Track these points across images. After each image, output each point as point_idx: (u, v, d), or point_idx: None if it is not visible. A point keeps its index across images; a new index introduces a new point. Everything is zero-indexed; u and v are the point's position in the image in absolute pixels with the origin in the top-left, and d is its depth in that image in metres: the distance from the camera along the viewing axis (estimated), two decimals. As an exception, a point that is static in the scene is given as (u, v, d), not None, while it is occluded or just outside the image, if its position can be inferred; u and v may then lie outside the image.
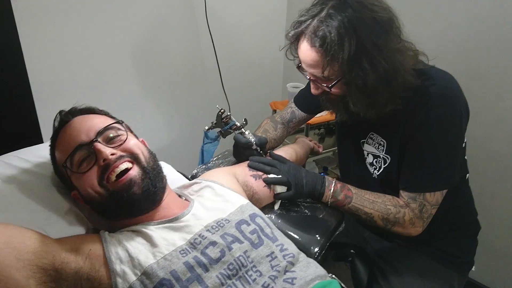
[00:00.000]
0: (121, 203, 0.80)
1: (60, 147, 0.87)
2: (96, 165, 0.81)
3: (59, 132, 0.89)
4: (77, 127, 0.86)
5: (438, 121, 0.98)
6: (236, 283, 0.73)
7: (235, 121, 1.13)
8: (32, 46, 1.38)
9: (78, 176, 0.83)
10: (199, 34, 1.93)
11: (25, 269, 0.69)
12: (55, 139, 0.90)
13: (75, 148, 0.83)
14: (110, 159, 0.80)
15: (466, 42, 1.58)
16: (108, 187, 0.80)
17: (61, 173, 0.89)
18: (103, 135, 0.85)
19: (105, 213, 0.86)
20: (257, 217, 0.87)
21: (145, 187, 0.81)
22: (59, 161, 0.87)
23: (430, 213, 1.05)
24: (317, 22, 0.92)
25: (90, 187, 0.81)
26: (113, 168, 0.80)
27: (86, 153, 0.83)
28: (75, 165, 0.83)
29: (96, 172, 0.81)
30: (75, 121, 0.88)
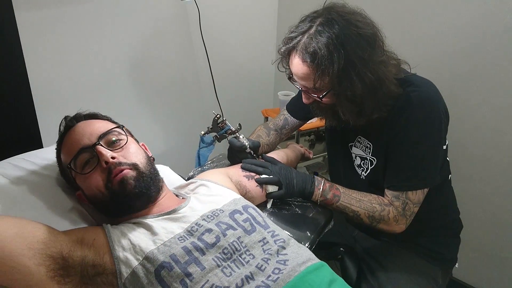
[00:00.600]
0: (119, 202, 0.86)
1: (65, 150, 0.93)
2: (99, 167, 0.87)
3: (64, 136, 0.95)
4: (81, 132, 0.92)
5: (418, 125, 1.05)
6: (231, 265, 0.78)
7: (230, 126, 1.19)
8: (34, 55, 1.44)
9: (83, 177, 0.88)
10: (193, 45, 2.00)
11: (35, 257, 0.74)
12: (60, 142, 0.95)
13: (79, 151, 0.88)
14: (111, 162, 0.86)
15: (446, 51, 1.66)
16: (112, 188, 0.85)
17: (66, 174, 0.94)
18: (104, 139, 0.91)
19: (107, 210, 0.92)
20: (249, 207, 0.93)
21: (138, 188, 0.86)
22: (64, 162, 0.92)
23: (412, 211, 1.11)
24: (307, 39, 0.99)
25: (96, 188, 0.86)
26: (115, 173, 0.85)
27: (89, 155, 0.88)
28: (79, 166, 0.89)
29: (100, 175, 0.86)
30: (79, 126, 0.94)
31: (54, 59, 1.55)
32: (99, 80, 1.71)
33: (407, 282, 1.18)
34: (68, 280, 0.77)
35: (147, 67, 1.86)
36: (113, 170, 0.85)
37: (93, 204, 0.91)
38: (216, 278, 0.75)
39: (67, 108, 1.61)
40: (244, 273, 0.76)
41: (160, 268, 0.75)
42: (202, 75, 2.07)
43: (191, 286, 0.73)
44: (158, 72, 1.92)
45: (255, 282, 0.74)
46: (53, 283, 0.75)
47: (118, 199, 0.86)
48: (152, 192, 0.90)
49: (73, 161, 0.89)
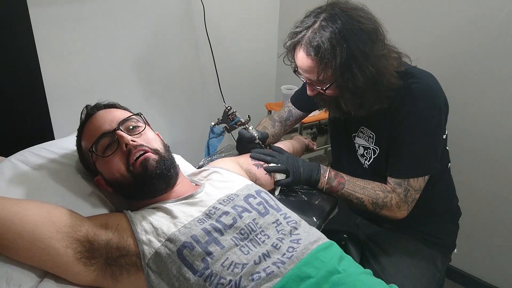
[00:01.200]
0: (141, 184, 0.90)
1: (86, 136, 0.97)
2: (119, 150, 0.91)
3: (85, 124, 0.99)
4: (101, 119, 0.96)
5: (419, 115, 1.11)
6: (248, 244, 0.83)
7: (240, 117, 1.24)
8: (47, 51, 1.48)
9: (103, 161, 0.92)
10: (198, 41, 2.04)
11: (63, 240, 0.79)
12: (81, 130, 1.00)
13: (100, 136, 0.93)
14: (131, 144, 0.90)
15: (445, 44, 1.71)
16: (133, 172, 0.90)
17: (86, 160, 0.98)
18: (124, 125, 0.95)
19: (127, 193, 0.96)
20: (262, 192, 0.98)
21: (160, 169, 0.91)
22: (85, 148, 0.96)
23: (414, 197, 1.17)
24: (311, 33, 1.04)
25: (117, 171, 0.91)
26: (133, 154, 0.90)
27: (109, 140, 0.93)
28: (100, 150, 0.93)
29: (121, 158, 0.91)
30: (99, 114, 0.99)
31: (66, 55, 1.59)
32: (108, 75, 1.75)
33: (408, 265, 1.23)
34: (94, 262, 0.82)
35: (153, 62, 1.90)
36: (132, 151, 0.90)
37: (113, 187, 0.95)
38: (235, 256, 0.80)
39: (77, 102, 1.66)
40: (260, 251, 0.81)
41: (182, 248, 0.80)
42: (206, 70, 2.12)
43: (212, 263, 0.78)
44: (165, 67, 1.96)
45: (271, 260, 0.80)
46: (80, 265, 0.81)
47: (141, 181, 0.90)
48: (172, 175, 0.95)
49: (94, 145, 0.93)
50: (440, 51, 1.73)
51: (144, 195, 0.95)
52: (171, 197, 0.96)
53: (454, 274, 2.00)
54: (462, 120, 1.73)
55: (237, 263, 0.79)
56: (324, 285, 0.74)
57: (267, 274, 0.76)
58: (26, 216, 0.79)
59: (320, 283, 0.74)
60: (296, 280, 0.75)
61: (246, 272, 0.77)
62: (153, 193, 0.94)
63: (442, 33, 1.71)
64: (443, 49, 1.72)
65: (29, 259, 0.80)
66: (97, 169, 0.95)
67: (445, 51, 1.72)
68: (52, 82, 1.51)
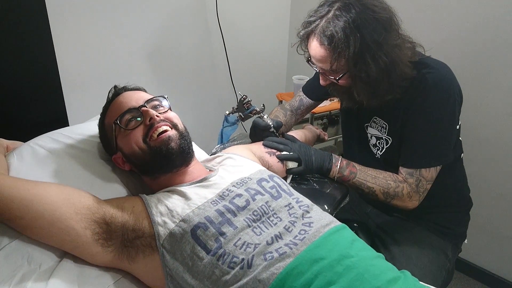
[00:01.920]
0: (160, 157, 0.93)
1: (111, 112, 1.00)
2: (142, 125, 0.94)
3: (111, 102, 1.02)
4: (129, 97, 1.00)
5: (433, 105, 1.11)
6: (261, 225, 0.85)
7: (255, 106, 1.25)
8: (62, 41, 1.50)
9: (126, 134, 0.95)
10: (210, 31, 2.05)
11: (82, 221, 0.82)
12: (107, 107, 1.03)
13: (126, 111, 0.96)
14: (155, 119, 0.93)
15: (460, 33, 1.70)
16: (150, 144, 0.93)
17: (107, 137, 1.01)
18: (149, 104, 0.99)
19: (145, 168, 0.98)
20: (274, 177, 1.00)
21: (181, 145, 0.94)
22: (109, 122, 0.99)
23: (425, 188, 1.17)
24: (325, 23, 1.04)
25: (135, 143, 0.93)
26: (156, 127, 0.93)
27: (134, 115, 0.96)
28: (123, 123, 0.96)
29: (142, 131, 0.94)
30: (126, 93, 1.02)
31: (80, 43, 1.61)
32: (121, 64, 1.77)
33: (418, 255, 1.24)
34: (111, 243, 0.84)
35: (166, 51, 1.92)
36: (155, 125, 0.93)
37: (131, 162, 0.98)
38: (247, 236, 0.82)
39: (91, 90, 1.69)
40: (273, 233, 0.83)
41: (196, 228, 0.82)
42: (218, 59, 2.13)
43: (225, 243, 0.80)
44: (177, 57, 1.97)
45: (284, 241, 0.81)
46: (98, 245, 0.83)
47: (159, 154, 0.92)
48: (190, 151, 0.98)
49: (119, 118, 0.96)
50: (454, 41, 1.72)
51: (160, 169, 0.97)
52: (186, 181, 0.98)
53: (463, 265, 2.01)
54: (475, 111, 1.72)
55: (250, 243, 0.80)
56: (337, 267, 0.75)
57: (280, 254, 0.77)
58: (46, 197, 0.81)
59: (333, 265, 0.75)
60: (308, 261, 0.76)
61: (258, 251, 0.78)
62: (170, 167, 0.96)
63: (456, 23, 1.70)
64: (457, 39, 1.71)
65: (50, 239, 0.82)
66: (117, 144, 0.98)
67: (459, 41, 1.70)
68: (67, 70, 1.53)
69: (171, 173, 0.97)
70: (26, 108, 1.31)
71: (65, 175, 0.95)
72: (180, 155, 0.95)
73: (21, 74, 1.26)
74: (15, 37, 1.21)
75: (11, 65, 1.22)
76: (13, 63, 1.22)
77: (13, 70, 1.23)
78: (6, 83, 1.22)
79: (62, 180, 0.92)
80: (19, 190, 0.80)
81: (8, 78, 1.22)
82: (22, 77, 1.26)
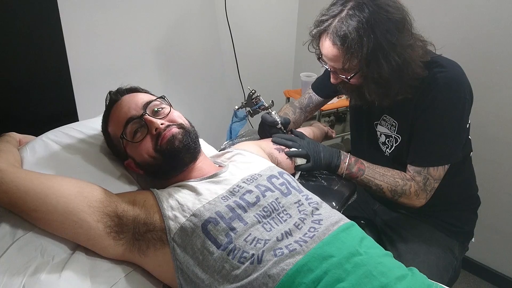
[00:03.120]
0: (170, 159, 0.93)
1: (113, 123, 1.00)
2: (149, 135, 0.94)
3: (110, 110, 1.02)
4: (126, 104, 0.99)
5: (444, 104, 1.10)
6: (271, 222, 0.86)
7: (263, 101, 1.25)
8: (73, 35, 1.51)
9: (135, 145, 0.95)
10: (218, 27, 2.05)
11: (94, 214, 0.83)
12: (107, 116, 1.03)
13: (127, 122, 0.96)
14: (161, 128, 0.93)
15: (471, 32, 1.69)
16: (160, 150, 0.93)
17: (115, 145, 1.01)
18: (149, 108, 0.98)
19: (158, 173, 0.99)
20: (284, 173, 1.00)
21: (185, 141, 0.94)
22: (115, 134, 0.99)
23: (433, 186, 1.17)
24: (338, 23, 1.04)
25: (146, 153, 0.94)
26: (164, 136, 0.93)
27: (137, 125, 0.96)
28: (129, 136, 0.96)
29: (150, 141, 0.94)
30: (124, 99, 1.01)
31: (91, 38, 1.62)
32: (130, 59, 1.78)
33: (425, 252, 1.24)
34: (122, 236, 0.85)
35: (174, 47, 1.93)
36: (162, 134, 0.93)
37: (144, 170, 0.99)
38: (257, 232, 0.83)
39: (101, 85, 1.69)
40: (283, 229, 0.84)
41: (207, 223, 0.83)
42: (226, 55, 2.13)
43: (235, 238, 0.81)
44: (185, 52, 1.98)
45: (293, 238, 0.82)
46: (109, 238, 0.84)
47: (169, 156, 0.93)
48: (197, 146, 0.98)
49: (123, 132, 0.96)
50: (465, 39, 1.71)
51: (173, 170, 0.98)
52: (196, 176, 0.99)
53: (470, 264, 2.00)
54: (486, 109, 1.71)
55: (260, 239, 0.81)
56: (346, 265, 0.76)
57: (290, 251, 0.78)
58: (59, 190, 0.82)
59: (342, 263, 0.76)
60: (318, 258, 0.77)
61: (268, 247, 0.79)
62: (181, 166, 0.97)
63: (469, 21, 1.69)
64: (469, 37, 1.70)
65: (63, 232, 0.84)
66: (128, 153, 0.98)
67: (471, 39, 1.69)
68: (77, 65, 1.54)
69: (183, 172, 0.98)
70: (37, 102, 1.32)
71: (77, 169, 0.97)
72: (187, 152, 0.95)
73: (32, 69, 1.27)
74: (26, 32, 1.21)
75: (22, 60, 1.23)
76: (24, 58, 1.23)
77: (24, 65, 1.24)
78: (17, 78, 1.23)
79: (74, 174, 0.93)
80: (33, 183, 0.82)
81: (19, 73, 1.23)
82: (32, 72, 1.27)
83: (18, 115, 1.27)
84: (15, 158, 0.93)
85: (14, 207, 0.82)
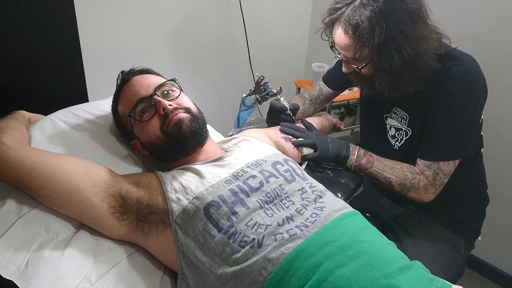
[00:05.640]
0: (175, 142, 0.94)
1: (123, 102, 1.00)
2: (157, 115, 0.95)
3: (121, 89, 1.02)
4: (138, 84, 0.99)
5: (458, 98, 1.08)
6: (273, 207, 0.85)
7: (271, 88, 1.24)
8: (85, 17, 1.51)
9: (142, 125, 0.96)
10: (231, 14, 2.04)
11: (99, 194, 0.84)
12: (118, 95, 1.03)
13: (137, 101, 0.96)
14: (168, 109, 0.94)
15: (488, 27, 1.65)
16: (166, 131, 0.94)
17: (123, 125, 1.02)
18: (160, 90, 0.98)
19: (163, 155, 0.99)
20: (289, 160, 1.00)
21: (192, 127, 0.95)
22: (123, 113, 1.00)
23: (442, 181, 1.15)
24: (351, 11, 1.02)
25: (153, 133, 0.94)
26: (171, 117, 0.93)
27: (146, 105, 0.96)
28: (137, 115, 0.96)
29: (158, 121, 0.94)
30: (135, 79, 1.01)
31: (103, 20, 1.62)
32: (142, 43, 1.77)
33: (430, 248, 1.23)
34: (126, 217, 0.86)
35: (187, 33, 1.91)
36: (169, 115, 0.93)
37: (150, 151, 0.99)
38: (259, 217, 0.82)
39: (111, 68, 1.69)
40: (284, 215, 0.83)
41: (209, 206, 0.83)
42: (238, 43, 2.12)
43: (237, 222, 0.81)
44: (197, 39, 1.97)
45: (295, 223, 0.81)
46: (113, 219, 0.85)
47: (174, 139, 0.93)
48: (204, 133, 0.99)
49: (132, 111, 0.96)
50: (481, 33, 1.67)
51: (177, 154, 0.98)
52: (201, 159, 0.99)
53: (475, 263, 1.98)
54: (499, 106, 1.67)
55: (261, 224, 0.81)
56: (347, 251, 0.75)
57: (290, 235, 0.78)
58: (65, 168, 0.83)
59: (344, 249, 0.75)
60: (319, 243, 0.76)
61: (269, 232, 0.79)
62: (185, 151, 0.98)
63: (486, 15, 1.65)
64: (485, 31, 1.66)
65: (68, 210, 0.84)
66: (134, 133, 0.99)
67: (487, 33, 1.66)
68: (89, 47, 1.55)
69: (188, 156, 0.99)
70: (48, 82, 1.33)
71: (83, 149, 0.98)
72: (193, 138, 0.96)
73: (44, 49, 1.28)
74: (39, 13, 1.22)
75: (34, 40, 1.23)
76: (36, 39, 1.24)
77: (36, 45, 1.24)
78: (29, 58, 1.24)
79: (81, 154, 0.94)
80: (40, 161, 0.82)
81: (31, 53, 1.24)
82: (44, 53, 1.28)
83: (29, 94, 1.28)
84: (23, 135, 0.93)
85: (20, 183, 0.83)
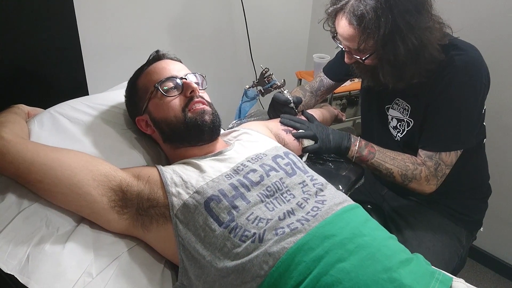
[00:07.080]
0: (193, 129, 0.94)
1: (151, 73, 1.00)
2: (182, 95, 0.96)
3: (152, 63, 1.03)
4: (171, 64, 1.02)
5: (460, 87, 1.07)
6: (273, 201, 0.85)
7: (276, 80, 1.23)
8: (85, 12, 1.50)
9: (163, 101, 0.96)
10: (232, 6, 2.02)
11: (99, 188, 0.83)
12: (145, 68, 1.03)
13: (168, 77, 0.97)
14: (195, 92, 0.95)
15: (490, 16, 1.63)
16: (187, 114, 0.95)
17: (138, 96, 1.01)
18: (191, 78, 1.00)
19: (172, 136, 0.98)
20: (290, 154, 1.00)
21: (215, 122, 0.97)
22: (146, 84, 0.99)
23: (444, 172, 1.15)
24: (355, 1, 1.01)
25: (173, 111, 0.95)
26: (195, 101, 0.96)
27: (173, 84, 0.97)
28: (163, 89, 0.97)
29: (181, 101, 0.96)
30: (169, 61, 1.04)
31: (102, 12, 1.61)
32: (141, 35, 1.76)
33: (431, 239, 1.23)
34: (126, 211, 0.86)
35: (186, 24, 1.90)
36: (194, 99, 0.95)
37: (159, 128, 0.99)
38: (260, 211, 0.82)
39: (111, 61, 1.69)
40: (285, 209, 0.83)
41: (209, 200, 0.82)
42: (238, 34, 2.10)
43: (238, 216, 0.81)
44: (197, 30, 1.96)
45: (296, 217, 0.81)
46: (113, 213, 0.85)
47: (193, 125, 0.94)
48: (219, 131, 1.00)
49: (160, 83, 0.97)
50: (484, 23, 1.65)
51: (187, 140, 0.98)
52: (202, 154, 0.98)
53: (477, 253, 1.99)
54: (502, 96, 1.66)
55: (262, 218, 0.81)
56: (348, 245, 0.75)
57: (291, 229, 0.77)
58: (65, 162, 0.83)
59: (345, 243, 0.75)
60: (320, 237, 0.76)
61: (270, 226, 0.79)
62: (197, 140, 0.98)
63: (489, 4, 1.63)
64: (488, 21, 1.64)
65: (68, 204, 0.84)
66: (148, 107, 0.99)
67: (490, 23, 1.64)
68: (88, 40, 1.54)
69: (193, 146, 0.98)
70: (47, 76, 1.32)
71: (83, 143, 0.97)
72: (211, 130, 0.97)
73: (43, 42, 1.27)
74: (37, 6, 1.21)
75: (33, 34, 1.22)
76: (35, 32, 1.23)
77: (35, 39, 1.23)
78: (28, 51, 1.23)
79: (81, 147, 0.94)
80: (39, 154, 0.82)
81: (30, 47, 1.23)
82: (44, 46, 1.27)
83: (29, 88, 1.27)
84: (22, 129, 0.93)
85: (20, 177, 0.83)
